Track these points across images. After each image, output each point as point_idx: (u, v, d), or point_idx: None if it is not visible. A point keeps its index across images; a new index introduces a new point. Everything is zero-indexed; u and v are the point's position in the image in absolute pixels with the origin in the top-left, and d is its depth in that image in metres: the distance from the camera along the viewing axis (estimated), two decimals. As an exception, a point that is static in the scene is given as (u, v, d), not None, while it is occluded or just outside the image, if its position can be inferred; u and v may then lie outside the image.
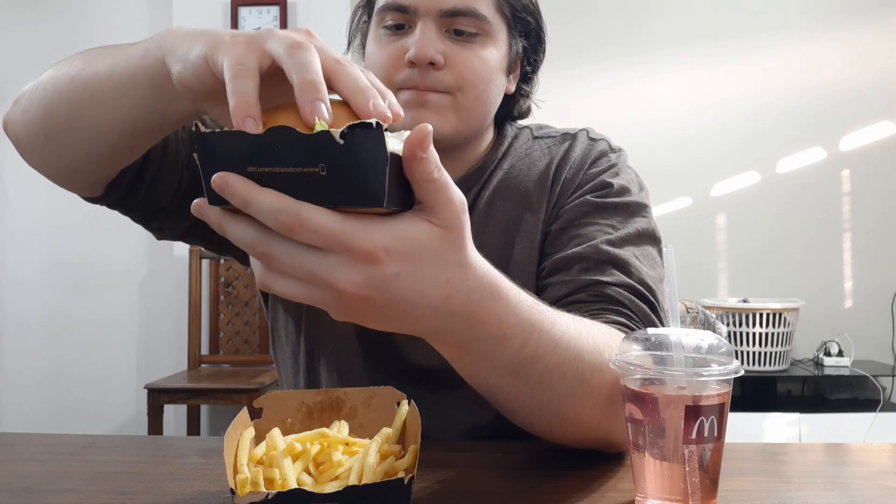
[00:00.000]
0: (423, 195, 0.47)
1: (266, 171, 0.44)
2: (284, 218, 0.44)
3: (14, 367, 3.24)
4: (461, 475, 0.70)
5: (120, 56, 0.63)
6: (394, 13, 0.87)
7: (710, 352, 0.59)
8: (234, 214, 0.47)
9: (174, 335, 3.15)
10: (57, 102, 0.67)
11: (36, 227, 3.19)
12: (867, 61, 3.13)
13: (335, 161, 0.43)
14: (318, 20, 3.00)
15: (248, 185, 0.44)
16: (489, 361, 0.59)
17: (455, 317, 0.52)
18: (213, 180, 0.44)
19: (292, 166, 0.43)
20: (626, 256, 0.83)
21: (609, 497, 0.64)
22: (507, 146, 0.98)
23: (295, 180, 0.44)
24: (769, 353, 2.82)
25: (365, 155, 0.43)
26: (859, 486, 0.69)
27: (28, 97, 0.72)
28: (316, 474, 0.58)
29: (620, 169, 0.94)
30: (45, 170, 0.75)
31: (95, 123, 0.66)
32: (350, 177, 0.43)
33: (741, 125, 3.16)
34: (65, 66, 0.69)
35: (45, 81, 0.70)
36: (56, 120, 0.68)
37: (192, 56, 0.53)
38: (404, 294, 0.48)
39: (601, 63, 3.18)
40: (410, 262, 0.47)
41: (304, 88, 0.46)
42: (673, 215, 3.17)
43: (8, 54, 3.23)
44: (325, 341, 0.95)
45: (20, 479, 0.70)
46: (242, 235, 0.47)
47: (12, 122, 0.74)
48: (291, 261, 0.46)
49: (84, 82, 0.65)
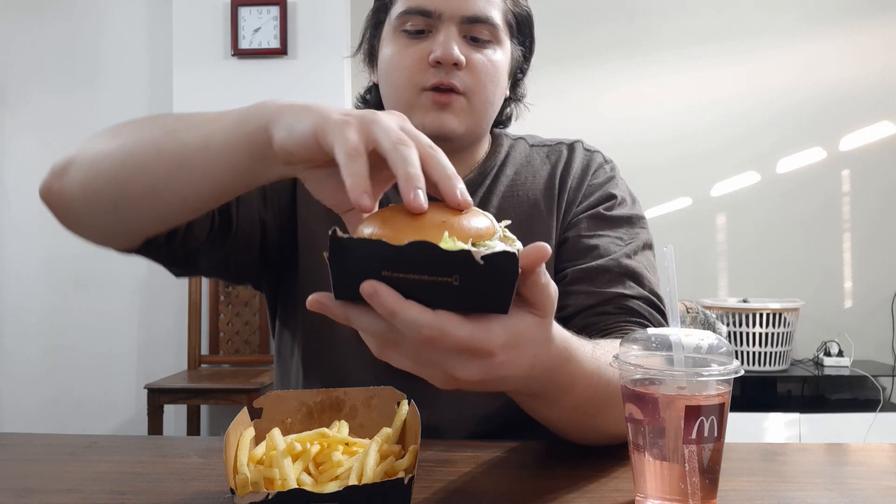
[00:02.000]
0: (530, 294, 0.53)
1: (400, 277, 0.48)
2: (427, 332, 0.49)
3: (14, 366, 3.24)
4: (461, 475, 0.70)
5: (213, 125, 0.66)
6: (417, 17, 0.91)
7: (710, 352, 0.59)
8: (360, 307, 0.51)
9: (174, 335, 3.15)
10: (138, 173, 0.69)
11: (36, 227, 3.19)
12: (866, 61, 3.13)
13: (470, 275, 0.48)
14: (318, 20, 3.00)
15: (396, 299, 0.48)
16: (554, 405, 0.67)
17: (535, 380, 0.59)
18: (364, 288, 0.48)
19: (427, 275, 0.48)
20: (640, 269, 0.91)
21: (609, 497, 0.64)
22: (505, 153, 1.02)
23: (426, 287, 0.48)
24: (769, 353, 2.82)
25: (499, 274, 0.48)
26: (859, 486, 0.69)
27: (86, 168, 0.73)
28: (316, 474, 0.58)
29: (618, 180, 1.01)
30: (94, 234, 0.77)
31: (182, 192, 0.68)
32: (481, 289, 0.49)
33: (741, 125, 3.16)
34: (134, 133, 0.71)
35: (114, 149, 0.71)
36: (134, 189, 0.70)
37: (299, 128, 0.57)
38: (505, 373, 0.54)
39: (602, 65, 3.18)
40: (516, 350, 0.53)
41: (408, 180, 0.51)
42: (673, 215, 3.17)
43: (8, 54, 3.24)
44: (324, 347, 0.95)
45: (20, 479, 0.70)
46: (372, 328, 0.52)
47: (60, 192, 0.75)
48: (415, 354, 0.52)
49: (172, 153, 0.67)
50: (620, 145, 2.69)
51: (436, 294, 0.48)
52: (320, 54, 2.99)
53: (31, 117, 3.24)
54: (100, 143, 0.74)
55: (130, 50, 3.21)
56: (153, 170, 0.68)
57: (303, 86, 2.97)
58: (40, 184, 0.78)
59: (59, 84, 3.22)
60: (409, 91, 0.91)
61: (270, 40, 2.97)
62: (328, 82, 2.98)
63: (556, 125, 1.10)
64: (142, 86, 3.20)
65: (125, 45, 3.22)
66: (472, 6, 0.91)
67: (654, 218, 3.13)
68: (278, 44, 2.96)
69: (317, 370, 0.96)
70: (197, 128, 0.67)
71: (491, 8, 0.92)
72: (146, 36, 3.21)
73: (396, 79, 0.92)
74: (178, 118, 0.72)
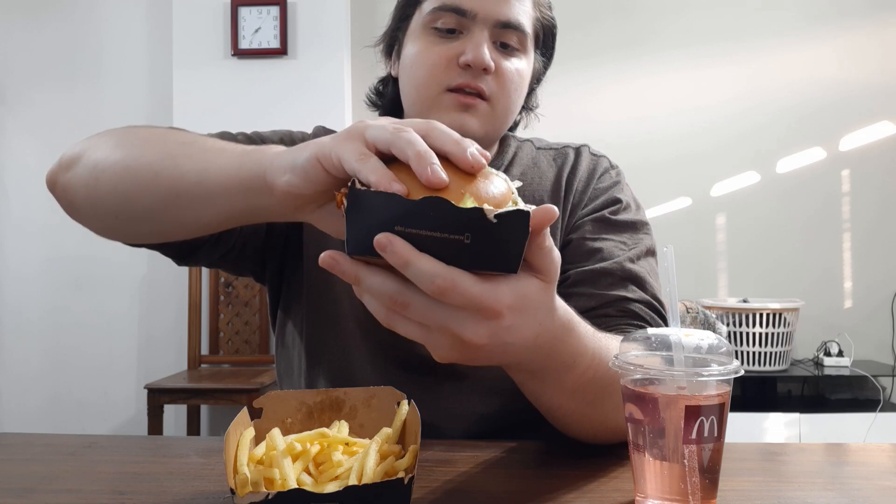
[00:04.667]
0: (535, 259, 0.54)
1: (412, 232, 0.49)
2: (440, 282, 0.49)
3: (14, 366, 3.24)
4: (461, 475, 0.70)
5: (210, 161, 0.66)
6: (450, 15, 0.91)
7: (710, 352, 0.59)
8: (370, 267, 0.52)
9: (174, 335, 3.15)
10: (136, 193, 0.70)
11: (36, 227, 3.19)
12: (866, 61, 3.13)
13: (481, 233, 0.49)
14: (318, 20, 3.00)
15: (410, 249, 0.48)
16: (556, 385, 0.67)
17: (539, 350, 0.59)
18: (378, 239, 0.48)
19: (439, 232, 0.49)
20: (643, 274, 0.92)
21: (609, 497, 0.64)
22: (512, 154, 1.03)
23: (438, 244, 0.49)
24: (769, 353, 2.82)
25: (510, 233, 0.49)
26: (859, 486, 0.69)
27: (88, 171, 0.73)
28: (316, 474, 0.58)
29: (623, 186, 1.01)
30: (99, 231, 0.78)
31: (180, 218, 0.69)
32: (492, 248, 0.50)
33: (741, 125, 3.16)
34: (136, 149, 0.72)
35: (114, 161, 0.72)
36: (133, 207, 0.71)
37: (300, 161, 0.57)
38: (511, 339, 0.54)
39: (602, 65, 3.18)
40: (522, 314, 0.54)
41: (419, 159, 0.51)
42: (673, 215, 3.17)
43: (8, 54, 3.24)
44: (329, 340, 0.95)
45: (20, 479, 0.70)
46: (381, 287, 0.51)
47: (66, 186, 0.76)
48: (425, 312, 0.51)
49: (170, 181, 0.68)
50: (620, 145, 2.70)
51: (446, 252, 0.49)
52: (320, 54, 2.99)
53: (31, 117, 3.24)
54: (105, 148, 0.74)
55: (130, 50, 3.21)
56: (152, 193, 0.69)
57: (303, 86, 2.97)
58: (47, 172, 0.78)
59: (60, 84, 3.22)
60: (433, 89, 0.91)
61: (270, 40, 2.97)
62: (328, 82, 2.97)
63: (556, 125, 1.10)
64: (142, 86, 3.20)
65: (125, 45, 3.21)
66: (508, 11, 0.91)
67: (654, 218, 3.13)
68: (278, 44, 2.96)
69: (321, 360, 0.96)
70: (195, 159, 0.67)
71: (523, 15, 0.93)
72: (146, 36, 3.21)
73: (421, 76, 0.92)
74: (183, 142, 0.71)
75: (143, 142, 0.73)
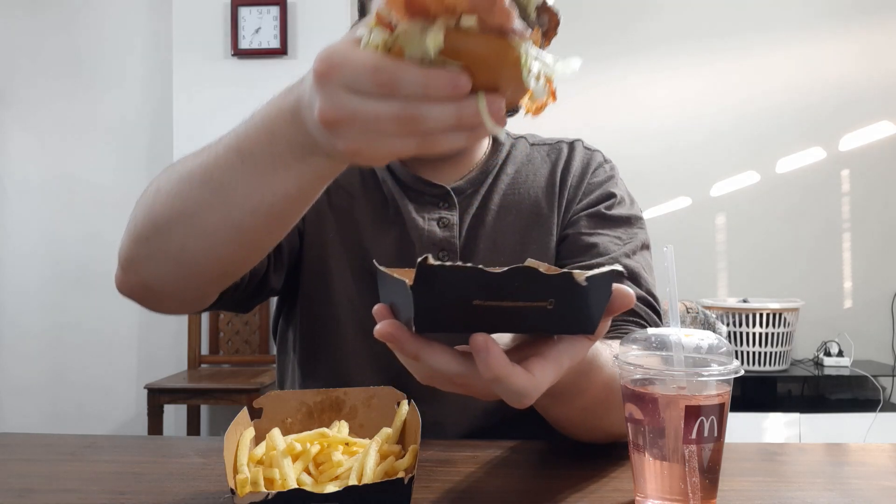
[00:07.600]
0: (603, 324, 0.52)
1: (493, 305, 0.45)
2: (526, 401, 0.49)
3: (14, 365, 3.24)
4: (461, 475, 0.70)
5: (230, 140, 0.60)
6: None
7: (710, 352, 0.59)
8: (432, 345, 0.48)
9: (174, 335, 3.15)
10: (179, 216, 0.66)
11: (36, 227, 3.19)
12: (866, 61, 3.13)
13: (567, 297, 0.46)
14: (318, 20, 2.99)
15: (505, 364, 0.46)
16: (570, 406, 0.68)
17: (562, 384, 0.57)
18: (476, 341, 0.45)
19: (522, 301, 0.45)
20: (638, 269, 0.92)
21: (609, 497, 0.64)
22: (506, 152, 1.02)
23: (519, 313, 0.46)
24: (769, 353, 2.82)
25: (596, 295, 0.47)
26: (859, 486, 0.69)
27: (144, 242, 0.72)
28: (316, 474, 0.59)
29: (617, 180, 1.01)
30: (173, 304, 0.80)
31: (230, 217, 0.63)
32: (574, 312, 0.48)
33: (741, 125, 3.16)
34: (160, 200, 0.67)
35: (159, 213, 0.67)
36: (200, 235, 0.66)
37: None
38: None
39: (600, 62, 3.18)
40: None
41: None
42: (672, 215, 3.17)
43: (8, 54, 3.24)
44: (327, 344, 0.95)
45: (20, 479, 0.70)
46: (445, 368, 0.49)
47: (139, 271, 0.77)
48: (480, 391, 0.50)
49: (209, 181, 0.62)
50: (620, 145, 2.69)
51: (525, 318, 0.46)
52: (320, 54, 2.98)
53: (31, 117, 3.24)
54: (141, 222, 0.71)
55: (130, 50, 3.21)
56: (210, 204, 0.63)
57: (303, 86, 2.96)
58: (116, 281, 0.81)
59: (60, 84, 3.22)
60: None
61: (270, 40, 2.97)
62: (328, 82, 2.97)
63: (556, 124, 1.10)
64: (142, 86, 3.20)
65: (125, 45, 3.21)
66: None
67: (654, 218, 3.13)
68: (278, 44, 2.96)
69: (319, 365, 0.96)
70: (214, 150, 0.62)
71: None
72: (146, 36, 3.21)
73: None
74: (190, 158, 0.66)
75: (160, 193, 0.69)
